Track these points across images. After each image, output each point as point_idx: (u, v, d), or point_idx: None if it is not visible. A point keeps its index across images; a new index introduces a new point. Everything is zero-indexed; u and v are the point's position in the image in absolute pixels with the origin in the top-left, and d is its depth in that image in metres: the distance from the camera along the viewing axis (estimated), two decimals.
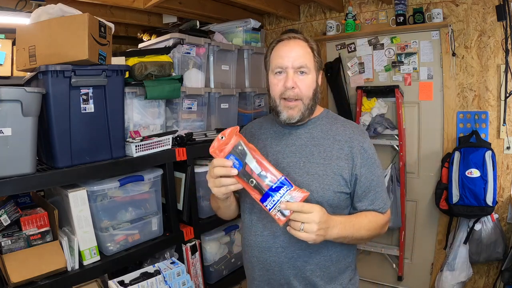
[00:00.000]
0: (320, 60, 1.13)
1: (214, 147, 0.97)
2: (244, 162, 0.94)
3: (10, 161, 1.20)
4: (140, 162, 1.61)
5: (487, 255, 2.23)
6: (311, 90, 1.10)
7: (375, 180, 1.11)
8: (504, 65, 2.20)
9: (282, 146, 1.14)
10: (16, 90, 1.19)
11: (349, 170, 1.08)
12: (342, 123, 1.17)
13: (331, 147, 1.10)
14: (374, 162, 1.12)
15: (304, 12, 3.09)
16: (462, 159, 2.26)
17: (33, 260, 1.29)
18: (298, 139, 1.14)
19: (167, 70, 1.83)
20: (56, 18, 1.42)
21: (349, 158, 1.08)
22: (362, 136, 1.13)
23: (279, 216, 0.93)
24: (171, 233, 1.76)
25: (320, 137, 1.12)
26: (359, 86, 2.77)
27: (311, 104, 1.11)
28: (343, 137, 1.11)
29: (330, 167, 1.08)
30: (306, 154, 1.11)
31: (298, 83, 1.07)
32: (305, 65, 1.07)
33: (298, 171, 1.09)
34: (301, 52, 1.08)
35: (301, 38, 1.11)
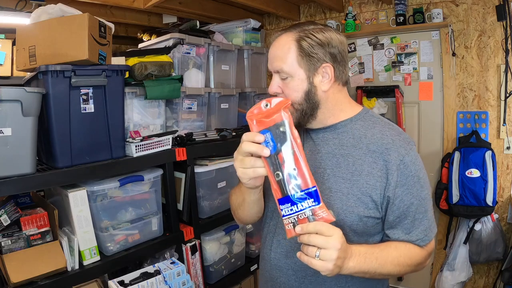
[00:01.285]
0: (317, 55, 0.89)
1: (253, 113, 0.80)
2: (279, 148, 0.76)
3: (10, 161, 1.19)
4: (140, 162, 1.61)
5: (487, 255, 2.23)
6: (299, 94, 0.91)
7: (415, 204, 0.89)
8: (504, 65, 2.20)
9: (308, 151, 0.97)
10: (16, 90, 1.19)
11: (381, 190, 0.88)
12: (381, 129, 0.94)
13: (363, 159, 0.90)
14: (416, 182, 0.89)
15: (304, 12, 3.09)
16: (462, 159, 2.26)
17: (33, 260, 1.29)
18: (325, 145, 0.96)
19: (167, 70, 1.83)
20: (56, 18, 1.42)
21: (383, 174, 0.88)
22: (404, 146, 0.90)
23: (290, 228, 0.77)
24: (171, 233, 1.76)
25: (351, 145, 0.93)
26: (359, 86, 2.78)
27: (306, 109, 0.92)
28: (379, 147, 0.90)
29: (358, 184, 0.89)
30: (332, 165, 0.93)
31: (282, 87, 0.92)
32: (281, 69, 0.91)
33: (320, 185, 0.89)
34: (280, 52, 0.91)
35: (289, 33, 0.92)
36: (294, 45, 0.90)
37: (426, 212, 0.91)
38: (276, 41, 0.94)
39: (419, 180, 0.90)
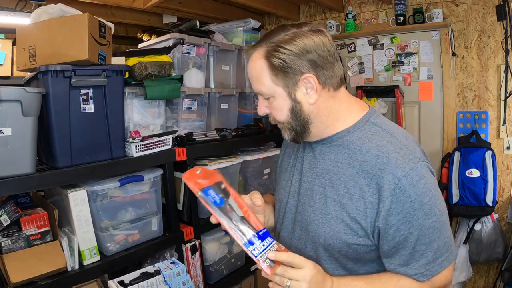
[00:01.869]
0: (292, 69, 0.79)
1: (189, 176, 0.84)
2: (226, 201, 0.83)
3: (10, 161, 1.19)
4: (140, 162, 1.61)
5: (487, 255, 2.23)
6: (285, 113, 0.84)
7: (415, 235, 0.76)
8: (504, 65, 2.20)
9: (306, 165, 0.91)
10: (16, 90, 1.19)
11: (371, 218, 0.78)
12: (378, 142, 0.80)
13: (355, 180, 0.80)
14: (418, 208, 0.75)
15: (304, 12, 3.09)
16: (462, 159, 2.26)
17: (33, 260, 1.29)
18: (322, 160, 0.88)
19: (167, 70, 1.83)
20: (56, 18, 1.42)
21: (374, 200, 0.77)
22: (402, 166, 0.76)
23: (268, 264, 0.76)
24: (171, 233, 1.76)
25: (346, 162, 0.82)
26: (359, 86, 2.78)
27: (296, 126, 0.85)
28: (373, 167, 0.78)
29: (347, 209, 0.80)
30: (325, 183, 0.85)
31: (268, 108, 0.87)
32: (260, 90, 0.84)
33: (313, 205, 0.86)
34: (255, 74, 0.84)
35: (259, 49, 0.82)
36: (264, 64, 0.81)
37: (431, 243, 0.77)
38: (249, 61, 0.85)
39: (421, 207, 0.75)
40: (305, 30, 0.81)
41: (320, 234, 0.84)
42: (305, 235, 0.89)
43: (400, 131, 0.86)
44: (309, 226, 0.87)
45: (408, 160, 0.77)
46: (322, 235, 0.83)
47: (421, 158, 0.80)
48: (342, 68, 0.86)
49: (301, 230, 0.90)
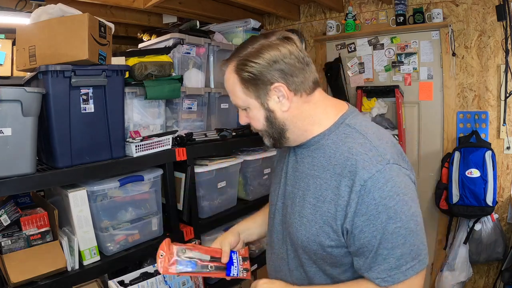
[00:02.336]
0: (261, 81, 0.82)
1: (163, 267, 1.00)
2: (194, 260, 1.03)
3: (10, 161, 1.19)
4: (140, 162, 1.61)
5: (487, 255, 2.23)
6: (261, 122, 0.88)
7: (377, 238, 0.75)
8: (504, 65, 2.20)
9: (289, 169, 0.95)
10: (16, 90, 1.19)
11: (340, 220, 0.79)
12: (350, 145, 0.81)
13: (328, 184, 0.82)
14: (382, 211, 0.74)
15: (304, 12, 3.09)
16: (462, 159, 2.26)
17: (33, 260, 1.29)
18: (302, 163, 0.90)
19: (167, 70, 1.83)
20: (56, 18, 1.41)
21: (343, 203, 0.78)
22: (369, 168, 0.76)
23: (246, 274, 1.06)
24: (171, 233, 1.76)
25: (321, 165, 0.84)
26: (359, 86, 2.78)
27: (273, 133, 0.89)
28: (343, 170, 0.79)
29: (321, 212, 0.82)
30: (304, 187, 0.87)
31: (247, 119, 0.91)
32: (237, 103, 0.89)
33: (294, 207, 0.89)
34: (229, 87, 0.88)
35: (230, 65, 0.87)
36: (235, 78, 0.85)
37: (394, 249, 0.75)
38: (225, 75, 0.90)
39: (386, 210, 0.74)
40: (273, 40, 0.83)
41: (298, 236, 0.87)
42: (289, 237, 0.92)
43: (374, 132, 0.85)
44: (290, 228, 0.90)
45: (376, 162, 0.77)
46: (300, 237, 0.86)
47: (392, 160, 0.78)
48: (314, 71, 0.87)
49: (285, 232, 0.94)
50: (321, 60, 3.01)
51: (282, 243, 0.96)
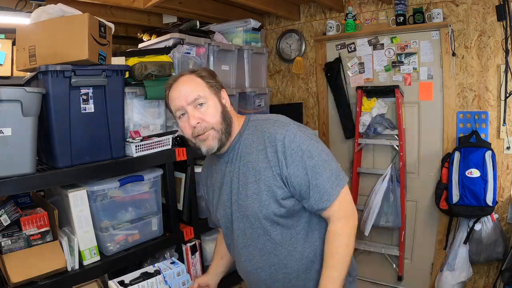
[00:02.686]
0: (215, 82, 1.10)
1: None
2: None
3: (10, 161, 1.19)
4: (140, 162, 1.61)
5: (487, 255, 2.23)
6: (218, 115, 1.07)
7: (309, 174, 1.02)
8: (504, 65, 2.20)
9: (223, 177, 1.15)
10: (16, 90, 1.19)
11: (278, 176, 1.03)
12: (261, 128, 1.09)
13: (257, 160, 1.06)
14: (302, 155, 1.02)
15: (304, 12, 3.09)
16: (462, 159, 2.26)
17: (33, 260, 1.29)
18: (231, 164, 1.12)
19: (167, 70, 1.83)
20: (56, 18, 1.42)
21: (274, 163, 1.03)
22: (280, 132, 1.04)
23: None
24: (171, 233, 1.76)
25: (246, 153, 1.09)
26: (359, 86, 2.78)
27: (224, 128, 1.08)
28: (264, 144, 1.05)
29: (262, 181, 1.04)
30: (241, 176, 1.09)
31: (201, 116, 1.05)
32: (198, 95, 1.05)
33: (241, 196, 1.08)
34: (190, 86, 1.07)
35: (187, 73, 1.11)
36: (199, 79, 1.08)
37: (322, 175, 1.02)
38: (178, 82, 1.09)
39: (304, 153, 1.02)
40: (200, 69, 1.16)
41: (255, 210, 1.05)
42: (248, 222, 1.09)
43: (272, 115, 1.14)
44: (246, 212, 1.08)
45: (282, 127, 1.05)
46: (258, 210, 1.05)
47: (291, 123, 1.08)
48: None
49: (243, 221, 1.10)
50: (321, 60, 3.01)
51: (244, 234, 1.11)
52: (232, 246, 1.20)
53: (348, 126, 2.87)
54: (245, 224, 1.10)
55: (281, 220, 1.06)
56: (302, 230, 1.09)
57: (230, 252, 1.26)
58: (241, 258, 1.16)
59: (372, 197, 2.64)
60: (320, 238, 1.10)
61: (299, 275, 1.10)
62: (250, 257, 1.12)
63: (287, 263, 1.09)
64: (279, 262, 1.09)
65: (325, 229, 1.09)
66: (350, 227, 1.06)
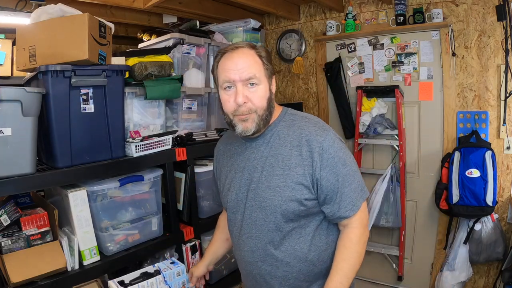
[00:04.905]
0: (271, 67, 1.08)
1: None
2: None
3: (10, 161, 1.19)
4: (140, 162, 1.61)
5: (487, 255, 2.23)
6: (265, 101, 1.05)
7: (340, 181, 1.03)
8: (504, 65, 2.20)
9: (246, 161, 1.13)
10: (16, 90, 1.19)
11: (309, 176, 1.03)
12: (299, 124, 1.09)
13: (290, 155, 1.05)
14: (338, 161, 1.03)
15: (304, 12, 3.09)
16: (462, 159, 2.26)
17: (33, 260, 1.29)
18: (258, 151, 1.11)
19: (167, 70, 1.83)
20: (56, 18, 1.42)
21: (308, 163, 1.03)
22: (320, 134, 1.05)
23: None
24: (171, 233, 1.76)
25: (278, 145, 1.08)
26: (359, 86, 2.77)
27: (266, 115, 1.06)
28: (300, 141, 1.05)
29: (290, 176, 1.04)
30: (267, 166, 1.08)
31: (249, 96, 1.03)
32: (254, 75, 1.02)
33: (261, 186, 1.07)
34: (248, 62, 1.03)
35: (247, 46, 1.06)
36: (257, 57, 1.05)
37: (351, 184, 1.05)
38: (236, 53, 1.05)
39: (339, 160, 1.03)
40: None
41: (275, 204, 1.04)
42: (263, 213, 1.08)
43: (310, 115, 1.15)
44: (263, 204, 1.07)
45: (323, 130, 1.06)
46: (277, 204, 1.04)
47: (330, 129, 1.09)
48: None
49: (257, 211, 1.09)
50: (321, 60, 3.01)
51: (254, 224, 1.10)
52: (235, 233, 1.18)
53: (348, 126, 2.87)
54: (258, 215, 1.09)
55: (296, 218, 1.06)
56: (311, 232, 1.08)
57: (231, 238, 1.24)
58: (243, 248, 1.14)
59: (372, 197, 2.65)
60: (326, 244, 1.10)
61: (298, 276, 1.09)
62: (254, 249, 1.11)
63: (290, 262, 1.08)
64: (282, 259, 1.08)
65: (332, 237, 1.11)
66: (365, 237, 1.08)
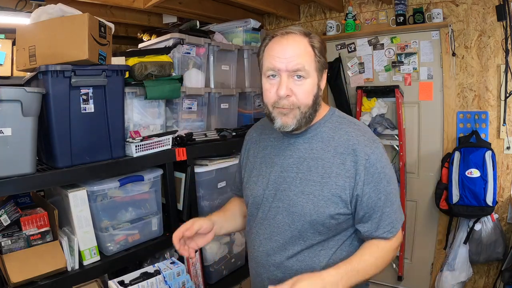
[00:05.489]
0: (323, 60, 0.95)
1: None
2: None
3: (10, 161, 1.19)
4: (140, 162, 1.61)
5: (487, 255, 2.23)
6: (311, 97, 0.93)
7: (382, 200, 0.93)
8: (504, 65, 2.20)
9: (280, 158, 1.02)
10: (16, 90, 1.19)
11: (349, 189, 0.93)
12: (347, 129, 0.98)
13: (331, 162, 0.94)
14: (383, 178, 0.94)
15: (304, 12, 3.09)
16: (462, 159, 2.26)
17: (33, 260, 1.29)
18: (297, 150, 1.00)
19: (167, 70, 1.83)
20: (56, 18, 1.42)
21: (351, 175, 0.93)
22: (369, 145, 0.94)
23: None
24: (171, 233, 1.75)
25: (320, 148, 0.97)
26: (359, 86, 2.78)
27: (309, 113, 0.95)
28: (346, 149, 0.94)
29: (328, 186, 0.93)
30: (304, 169, 0.97)
31: (294, 89, 0.91)
32: (303, 67, 0.90)
33: (294, 189, 0.97)
34: (299, 51, 0.91)
35: (300, 33, 0.93)
36: (310, 47, 0.93)
37: (393, 204, 0.96)
38: (286, 39, 0.92)
39: (385, 176, 0.94)
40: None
41: (306, 212, 0.95)
42: (290, 218, 0.98)
43: (358, 121, 1.05)
44: (292, 208, 0.98)
45: (372, 141, 0.96)
46: (308, 213, 0.94)
47: (379, 142, 0.99)
48: None
49: (283, 214, 1.00)
50: None
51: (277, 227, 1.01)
52: (253, 230, 1.08)
53: None
54: (284, 219, 0.99)
55: (325, 231, 0.97)
56: (334, 246, 0.99)
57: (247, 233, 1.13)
58: (259, 248, 1.05)
59: None
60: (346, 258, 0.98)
61: None
62: (270, 252, 1.01)
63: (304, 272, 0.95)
64: (297, 269, 0.98)
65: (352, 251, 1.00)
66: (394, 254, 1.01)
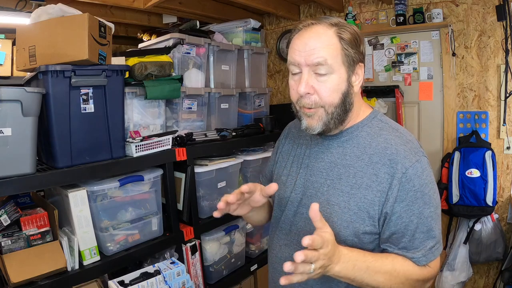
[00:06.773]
0: (355, 51, 0.83)
1: None
2: None
3: (10, 161, 1.19)
4: (140, 162, 1.61)
5: (487, 255, 2.23)
6: (337, 95, 0.83)
7: (414, 223, 0.80)
8: (504, 65, 2.20)
9: (312, 160, 0.94)
10: (16, 90, 1.19)
11: (379, 205, 0.81)
12: (386, 136, 0.86)
13: (364, 172, 0.84)
14: (419, 198, 0.80)
15: (304, 12, 3.09)
16: (462, 159, 2.26)
17: (33, 260, 1.29)
18: (329, 154, 0.91)
19: (167, 70, 1.83)
20: (56, 18, 1.42)
21: (382, 189, 0.81)
22: (409, 158, 0.81)
23: None
24: (171, 233, 1.76)
25: (354, 155, 0.87)
26: None
27: (338, 113, 0.84)
28: (382, 158, 0.83)
29: (355, 198, 0.83)
30: (333, 176, 0.88)
31: (316, 86, 0.82)
32: (325, 60, 0.80)
33: (320, 196, 0.88)
34: (321, 43, 0.80)
35: (326, 24, 0.82)
36: (337, 39, 0.81)
37: (429, 231, 0.81)
38: (308, 31, 0.82)
39: (422, 196, 0.80)
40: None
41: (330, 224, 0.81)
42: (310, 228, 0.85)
43: (403, 129, 0.92)
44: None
45: (414, 153, 0.83)
46: (331, 225, 0.80)
47: (423, 154, 0.85)
48: None
49: (305, 222, 0.91)
50: None
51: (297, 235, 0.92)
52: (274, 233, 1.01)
53: None
54: (305, 227, 0.90)
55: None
56: None
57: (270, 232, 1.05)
58: (278, 254, 0.98)
59: None
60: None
61: None
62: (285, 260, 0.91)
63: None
64: (313, 284, 0.89)
65: None
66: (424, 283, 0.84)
